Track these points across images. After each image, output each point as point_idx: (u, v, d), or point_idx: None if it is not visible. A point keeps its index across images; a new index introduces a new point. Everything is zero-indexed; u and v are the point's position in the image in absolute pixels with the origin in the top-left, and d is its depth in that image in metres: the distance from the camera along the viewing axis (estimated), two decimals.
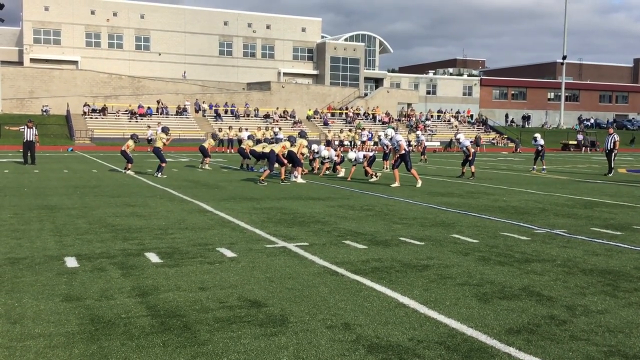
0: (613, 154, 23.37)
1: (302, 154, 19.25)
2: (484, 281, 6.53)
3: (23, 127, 25.51)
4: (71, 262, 7.19)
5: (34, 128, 25.04)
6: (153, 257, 7.48)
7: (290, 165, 18.51)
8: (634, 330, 5.02)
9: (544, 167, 25.12)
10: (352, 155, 19.95)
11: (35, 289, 5.99)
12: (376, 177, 19.02)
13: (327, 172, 21.37)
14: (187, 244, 8.35)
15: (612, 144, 23.58)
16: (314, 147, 22.24)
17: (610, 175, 22.47)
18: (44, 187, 15.72)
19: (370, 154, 20.06)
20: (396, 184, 17.26)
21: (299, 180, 18.00)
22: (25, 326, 4.90)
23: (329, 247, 8.26)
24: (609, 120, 78.83)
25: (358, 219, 10.98)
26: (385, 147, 21.85)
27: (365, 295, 5.92)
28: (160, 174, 19.53)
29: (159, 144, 20.37)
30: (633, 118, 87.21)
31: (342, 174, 20.59)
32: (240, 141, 32.60)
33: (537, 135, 24.93)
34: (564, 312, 5.47)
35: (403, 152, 17.51)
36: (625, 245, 8.68)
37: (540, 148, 24.31)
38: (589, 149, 53.17)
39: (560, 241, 8.98)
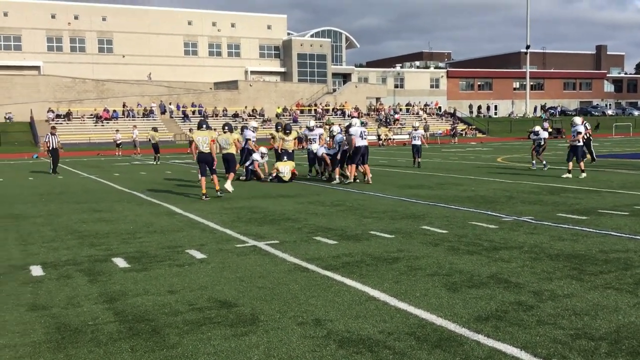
0: (590, 141, 22.37)
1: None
2: (453, 271, 6.59)
3: (47, 137, 24.53)
4: (37, 270, 7.05)
5: (56, 135, 24.32)
6: (121, 262, 7.38)
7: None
8: (599, 312, 5.11)
9: (544, 162, 20.43)
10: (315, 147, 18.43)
11: (1, 297, 5.86)
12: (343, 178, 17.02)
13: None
14: (155, 247, 8.25)
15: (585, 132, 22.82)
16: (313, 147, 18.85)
17: (594, 162, 22.01)
18: (8, 196, 15.39)
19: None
20: (350, 180, 16.35)
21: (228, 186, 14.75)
22: None
23: (299, 244, 8.25)
24: (576, 109, 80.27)
25: (329, 214, 10.98)
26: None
27: (336, 291, 5.92)
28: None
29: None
30: (597, 104, 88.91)
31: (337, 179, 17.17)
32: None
33: (538, 128, 21.01)
34: (531, 298, 5.54)
35: (357, 145, 15.99)
36: (590, 229, 8.84)
37: (543, 142, 20.56)
38: (554, 136, 54.01)
39: (528, 228, 9.10)
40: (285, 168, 17.44)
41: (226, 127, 15.57)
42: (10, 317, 5.31)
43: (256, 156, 18.28)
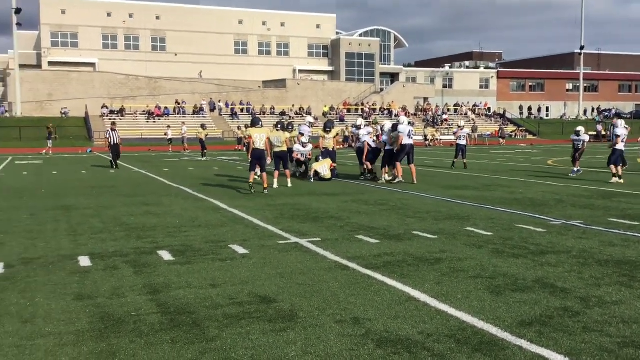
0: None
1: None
2: (497, 274, 6.45)
3: (107, 132, 25.25)
4: (84, 261, 7.24)
5: (117, 131, 24.63)
6: (165, 255, 7.51)
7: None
8: None
9: (577, 167, 19.11)
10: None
11: (47, 289, 6.03)
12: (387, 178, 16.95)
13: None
14: (199, 241, 8.37)
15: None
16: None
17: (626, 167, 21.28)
18: (61, 188, 15.87)
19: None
20: (399, 179, 16.23)
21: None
22: (36, 325, 4.94)
23: (341, 242, 8.23)
24: (632, 112, 77.74)
25: (371, 213, 10.92)
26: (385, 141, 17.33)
27: (376, 290, 5.88)
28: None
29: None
30: None
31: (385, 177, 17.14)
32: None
33: (581, 128, 19.62)
34: (578, 304, 5.38)
35: (403, 143, 16.04)
36: None
37: (581, 145, 19.13)
38: (607, 139, 52.44)
39: (577, 232, 8.84)
40: (323, 167, 17.38)
41: (278, 126, 15.82)
42: (57, 306, 5.46)
43: (297, 146, 18.05)
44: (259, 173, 15.08)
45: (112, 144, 24.06)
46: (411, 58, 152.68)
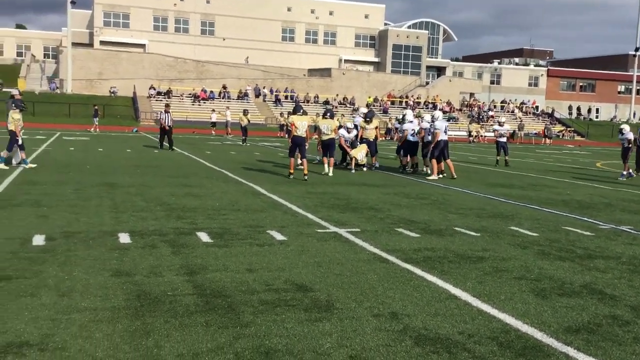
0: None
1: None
2: (543, 276, 6.21)
3: (160, 114, 25.02)
4: (124, 238, 7.27)
5: (170, 113, 24.42)
6: (204, 237, 7.49)
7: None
8: None
9: (629, 170, 18.34)
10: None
11: (86, 263, 6.06)
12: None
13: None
14: (238, 225, 8.32)
15: None
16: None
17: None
18: (106, 166, 16.10)
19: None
20: (433, 176, 15.77)
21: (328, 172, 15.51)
22: (73, 299, 4.95)
23: (380, 234, 8.07)
24: None
25: (412, 207, 10.72)
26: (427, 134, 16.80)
27: (415, 285, 5.72)
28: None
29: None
30: None
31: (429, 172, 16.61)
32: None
33: (625, 126, 18.90)
34: (628, 313, 5.12)
35: (438, 140, 15.80)
36: None
37: (626, 144, 18.40)
38: None
39: (627, 238, 8.49)
40: (361, 154, 17.30)
41: (328, 114, 15.76)
42: (95, 281, 5.47)
43: (342, 131, 17.75)
44: (299, 161, 15.11)
45: (164, 126, 23.87)
46: (460, 52, 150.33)
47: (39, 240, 6.99)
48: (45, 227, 7.75)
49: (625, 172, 18.15)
